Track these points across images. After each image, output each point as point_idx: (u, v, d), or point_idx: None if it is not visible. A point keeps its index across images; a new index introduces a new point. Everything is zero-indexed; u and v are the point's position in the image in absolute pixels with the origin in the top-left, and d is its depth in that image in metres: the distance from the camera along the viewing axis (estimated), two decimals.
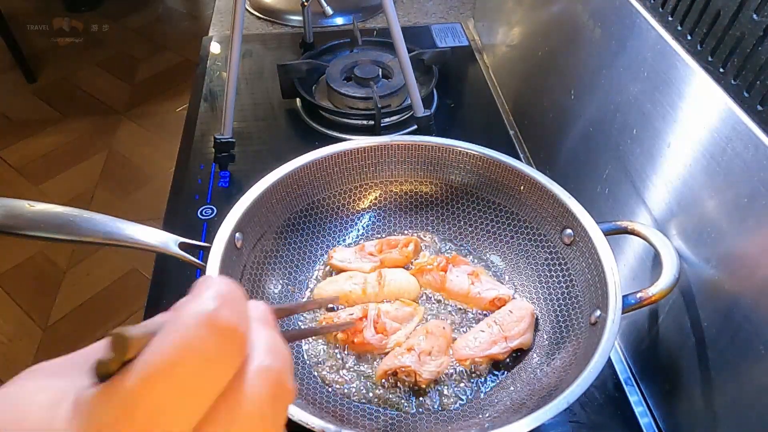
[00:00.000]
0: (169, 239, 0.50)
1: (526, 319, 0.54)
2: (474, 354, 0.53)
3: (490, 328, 0.54)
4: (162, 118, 2.24)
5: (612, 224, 0.53)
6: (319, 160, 0.61)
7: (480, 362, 0.53)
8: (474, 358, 0.53)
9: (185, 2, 3.07)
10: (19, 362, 1.46)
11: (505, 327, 0.54)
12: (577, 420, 0.53)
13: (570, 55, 0.68)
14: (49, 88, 2.38)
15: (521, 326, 0.54)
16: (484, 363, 0.53)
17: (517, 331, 0.53)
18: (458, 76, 0.96)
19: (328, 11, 0.82)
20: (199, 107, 0.89)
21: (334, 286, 0.59)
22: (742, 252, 0.42)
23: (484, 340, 0.53)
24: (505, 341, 0.53)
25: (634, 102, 0.54)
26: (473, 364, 0.53)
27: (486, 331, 0.54)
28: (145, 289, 0.63)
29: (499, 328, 0.54)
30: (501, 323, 0.54)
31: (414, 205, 0.66)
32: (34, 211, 0.46)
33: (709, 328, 0.45)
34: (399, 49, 0.73)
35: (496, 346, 0.53)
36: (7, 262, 1.70)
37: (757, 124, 0.39)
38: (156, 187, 1.93)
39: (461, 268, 0.59)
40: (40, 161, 2.05)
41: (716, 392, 0.45)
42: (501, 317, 0.55)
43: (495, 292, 0.57)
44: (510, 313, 0.55)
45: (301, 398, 0.47)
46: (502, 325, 0.54)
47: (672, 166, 0.49)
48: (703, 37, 0.44)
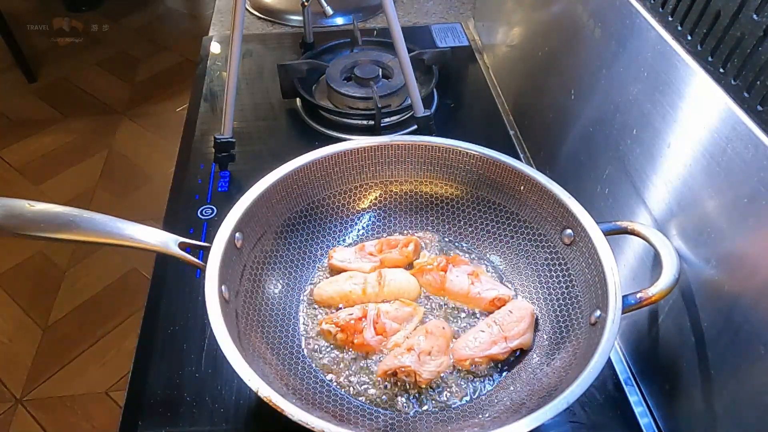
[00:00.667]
0: (169, 239, 0.50)
1: (526, 319, 0.54)
2: (473, 354, 0.53)
3: (489, 328, 0.54)
4: (162, 118, 2.24)
5: (612, 224, 0.53)
6: (319, 160, 0.61)
7: (480, 362, 0.53)
8: (474, 358, 0.53)
9: (185, 2, 3.07)
10: (20, 362, 1.46)
11: (505, 327, 0.54)
12: (577, 420, 0.53)
13: (570, 55, 0.68)
14: (49, 88, 2.38)
15: (521, 326, 0.54)
16: (484, 363, 0.53)
17: (516, 331, 0.53)
18: (458, 76, 0.96)
19: (329, 11, 0.82)
20: (199, 107, 0.89)
21: (334, 286, 0.59)
22: (742, 252, 0.42)
23: (484, 340, 0.53)
24: (505, 341, 0.53)
25: (634, 102, 0.54)
26: (473, 364, 0.53)
27: (486, 331, 0.54)
28: (145, 289, 0.63)
29: (499, 329, 0.54)
30: (501, 323, 0.54)
31: (414, 205, 0.66)
32: (34, 211, 0.46)
33: (709, 328, 0.45)
34: (399, 49, 0.73)
35: (496, 346, 0.53)
36: (7, 262, 1.70)
37: (757, 124, 0.39)
38: (156, 187, 1.93)
39: (461, 268, 0.59)
40: (40, 161, 2.05)
41: (716, 392, 0.45)
42: (501, 317, 0.55)
43: (495, 292, 0.57)
44: (510, 314, 0.55)
45: (301, 398, 0.48)
46: (502, 325, 0.54)
47: (672, 166, 0.49)
48: (703, 38, 0.44)
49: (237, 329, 0.49)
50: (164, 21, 2.86)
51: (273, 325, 0.55)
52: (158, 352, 0.57)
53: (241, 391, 0.54)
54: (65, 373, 1.45)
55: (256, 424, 0.52)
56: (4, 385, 1.42)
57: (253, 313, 0.54)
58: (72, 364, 1.47)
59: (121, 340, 1.52)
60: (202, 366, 0.56)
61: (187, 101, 0.93)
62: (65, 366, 1.46)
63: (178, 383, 0.55)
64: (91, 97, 2.34)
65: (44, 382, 1.43)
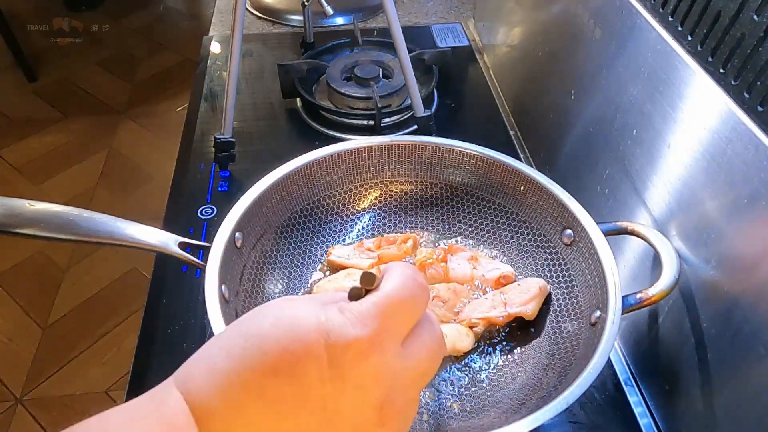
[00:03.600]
0: (169, 239, 0.50)
1: (532, 290, 0.55)
2: (470, 315, 0.54)
3: (494, 297, 0.56)
4: (162, 117, 2.24)
5: (612, 224, 0.53)
6: (319, 160, 0.61)
7: (476, 323, 0.54)
8: (470, 318, 0.54)
9: (185, 2, 3.07)
10: (19, 362, 1.46)
11: (509, 298, 0.55)
12: (577, 420, 0.53)
13: (570, 55, 0.68)
14: (49, 87, 2.38)
15: (524, 297, 0.54)
16: (482, 325, 0.54)
17: (519, 300, 0.54)
18: (458, 76, 0.96)
19: (329, 11, 0.82)
20: (199, 107, 0.89)
21: (333, 284, 0.59)
22: (742, 252, 0.42)
23: (485, 305, 0.55)
24: (504, 307, 0.54)
25: (634, 102, 0.54)
26: (471, 325, 0.54)
27: (489, 299, 0.56)
28: (145, 288, 0.63)
29: (503, 297, 0.55)
30: (507, 293, 0.56)
31: (414, 205, 0.66)
32: (35, 211, 0.46)
33: (709, 329, 0.45)
34: (399, 49, 0.73)
35: (495, 310, 0.54)
36: (7, 261, 1.70)
37: (757, 124, 0.39)
38: (156, 187, 1.93)
39: (459, 255, 0.60)
40: (40, 161, 2.05)
41: (716, 392, 0.45)
42: (509, 289, 0.56)
43: (498, 271, 0.58)
44: (518, 286, 0.56)
45: None
46: (508, 295, 0.55)
47: (672, 166, 0.49)
48: (703, 38, 0.44)
49: None
50: (164, 21, 2.86)
51: None
52: (158, 352, 0.57)
53: None
54: (65, 372, 1.45)
55: None
56: (3, 384, 1.42)
57: None
58: (72, 364, 1.47)
59: (121, 340, 1.52)
60: None
61: (187, 101, 0.93)
62: (65, 365, 1.46)
63: None
64: (91, 97, 2.34)
65: (44, 381, 1.43)
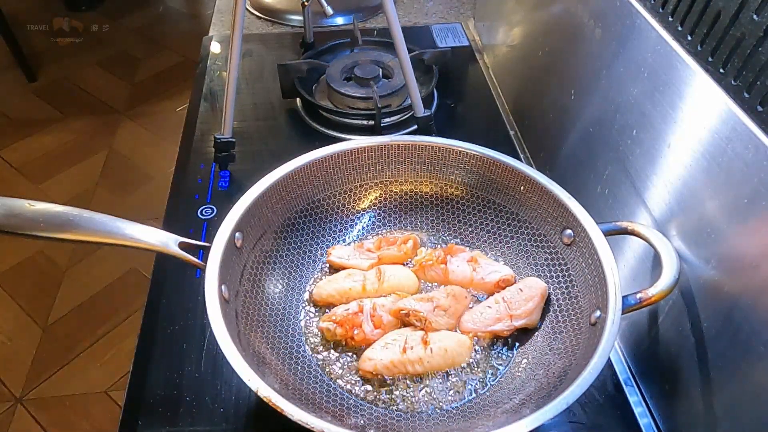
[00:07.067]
0: (169, 239, 0.50)
1: (535, 298, 0.55)
2: (477, 329, 0.54)
3: (497, 305, 0.55)
4: (162, 117, 2.24)
5: (612, 224, 0.53)
6: (319, 160, 0.61)
7: (483, 337, 0.54)
8: (477, 332, 0.54)
9: (185, 2, 3.07)
10: (19, 362, 1.46)
11: (513, 305, 0.55)
12: (577, 420, 0.53)
13: (570, 55, 0.68)
14: (49, 87, 2.38)
15: (528, 306, 0.54)
16: (487, 338, 0.54)
17: (523, 310, 0.54)
18: (458, 76, 0.96)
19: (329, 11, 0.82)
20: (199, 107, 0.89)
21: (333, 284, 0.59)
22: (742, 252, 0.42)
23: (489, 316, 0.55)
24: (510, 320, 0.54)
25: (634, 102, 0.54)
26: (476, 338, 0.54)
27: (493, 308, 0.55)
28: (145, 288, 0.63)
29: (506, 306, 0.55)
30: (509, 301, 0.55)
31: (414, 205, 0.66)
32: (34, 211, 0.46)
33: (709, 329, 0.45)
34: (399, 49, 0.73)
35: (501, 323, 0.54)
36: (7, 261, 1.70)
37: (757, 124, 0.39)
38: (156, 187, 1.93)
39: (459, 256, 0.60)
40: (40, 160, 2.05)
41: (716, 392, 0.45)
42: (510, 295, 0.56)
43: (498, 274, 0.58)
44: (520, 292, 0.56)
45: (300, 398, 0.48)
46: (510, 303, 0.55)
47: (672, 166, 0.49)
48: (703, 38, 0.44)
49: (237, 329, 0.49)
50: (164, 21, 2.86)
51: (273, 325, 0.55)
52: (158, 352, 0.57)
53: (240, 391, 0.54)
54: (65, 372, 1.45)
55: (255, 424, 0.52)
56: (3, 384, 1.42)
57: (253, 313, 0.54)
58: (72, 364, 1.47)
59: (121, 340, 1.52)
60: (202, 366, 0.56)
61: (187, 101, 0.93)
62: (65, 365, 1.46)
63: (178, 383, 0.55)
64: (91, 97, 2.34)
65: (44, 381, 1.43)
